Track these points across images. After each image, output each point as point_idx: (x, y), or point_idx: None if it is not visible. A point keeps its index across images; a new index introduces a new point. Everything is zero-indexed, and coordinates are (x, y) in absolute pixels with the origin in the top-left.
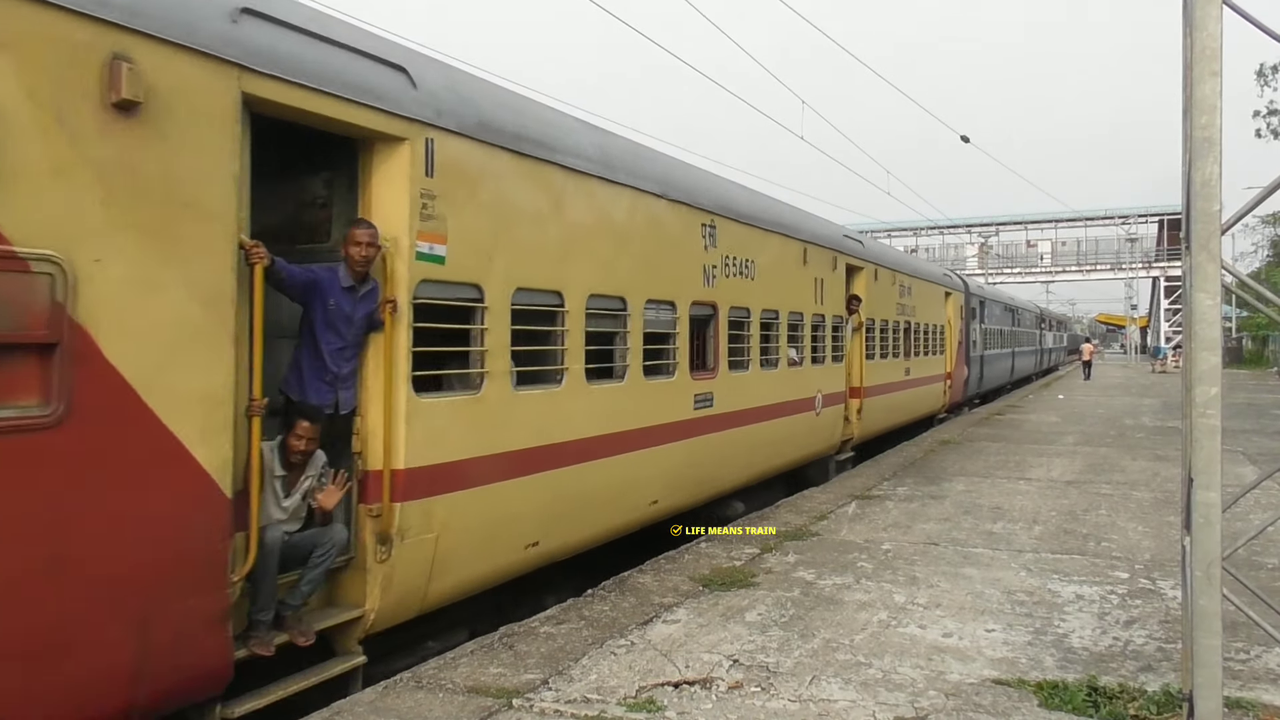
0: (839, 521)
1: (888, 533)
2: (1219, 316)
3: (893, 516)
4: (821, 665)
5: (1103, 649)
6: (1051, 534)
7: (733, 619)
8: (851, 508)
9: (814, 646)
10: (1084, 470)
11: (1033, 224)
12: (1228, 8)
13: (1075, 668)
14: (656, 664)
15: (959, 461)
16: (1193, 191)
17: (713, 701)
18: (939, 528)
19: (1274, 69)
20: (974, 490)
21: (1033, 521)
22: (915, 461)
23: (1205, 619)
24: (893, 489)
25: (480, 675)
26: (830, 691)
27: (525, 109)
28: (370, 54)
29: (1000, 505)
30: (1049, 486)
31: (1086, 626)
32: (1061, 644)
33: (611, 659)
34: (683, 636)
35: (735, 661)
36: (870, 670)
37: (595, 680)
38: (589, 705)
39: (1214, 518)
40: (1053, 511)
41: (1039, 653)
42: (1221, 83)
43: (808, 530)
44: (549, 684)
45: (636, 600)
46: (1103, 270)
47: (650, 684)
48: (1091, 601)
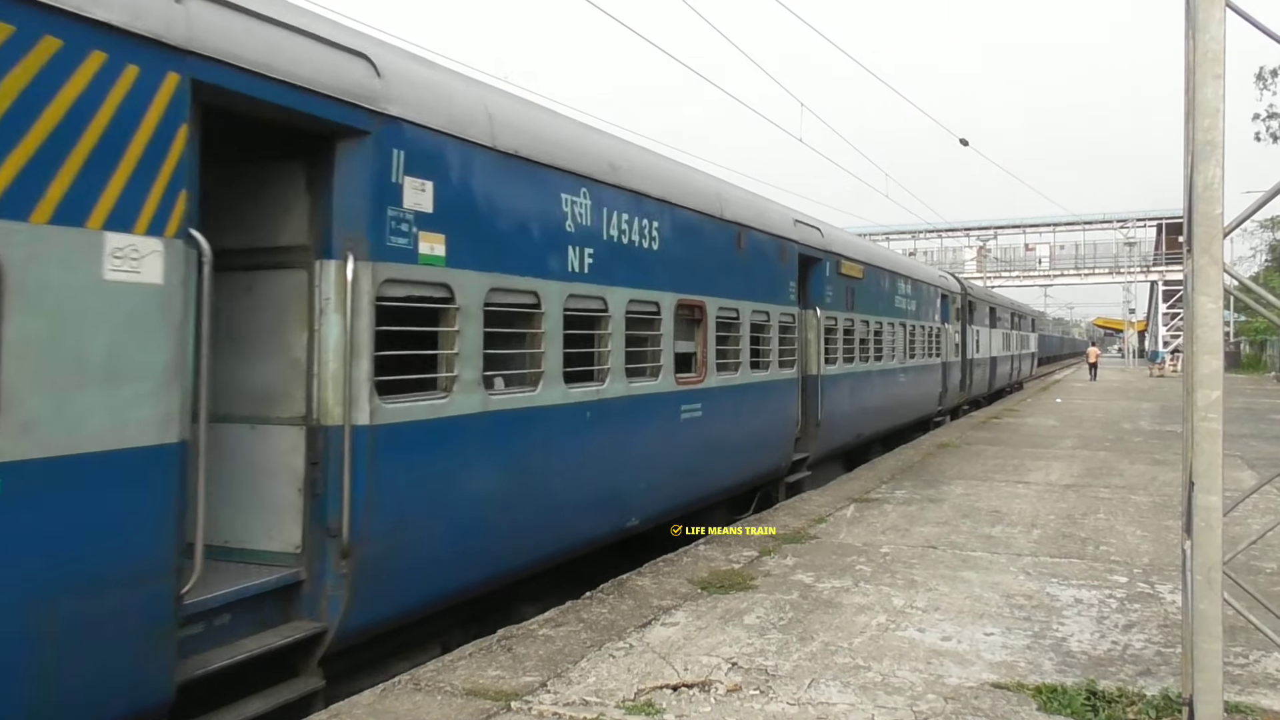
0: (837, 524)
1: (886, 536)
2: (1221, 320)
3: (891, 520)
4: (820, 668)
5: (1101, 653)
6: (1050, 538)
7: (731, 622)
8: (850, 511)
9: (813, 649)
10: (1082, 474)
11: (1031, 227)
12: (1231, 10)
13: (1074, 671)
14: (655, 667)
15: (957, 465)
16: (1194, 195)
17: (711, 704)
18: (937, 531)
19: (1273, 72)
20: (972, 493)
21: (1031, 525)
22: (913, 465)
23: (1206, 623)
24: (891, 492)
25: (478, 677)
26: (829, 695)
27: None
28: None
29: (999, 509)
30: (1047, 490)
31: (1085, 630)
32: (1060, 648)
33: (610, 661)
34: (681, 639)
35: (734, 664)
36: (869, 673)
37: (594, 683)
38: (588, 708)
39: (1215, 522)
40: (1051, 515)
41: (1038, 656)
42: (1224, 86)
43: (806, 533)
44: (547, 686)
45: (635, 603)
46: (1101, 274)
47: (649, 687)
48: (1090, 605)
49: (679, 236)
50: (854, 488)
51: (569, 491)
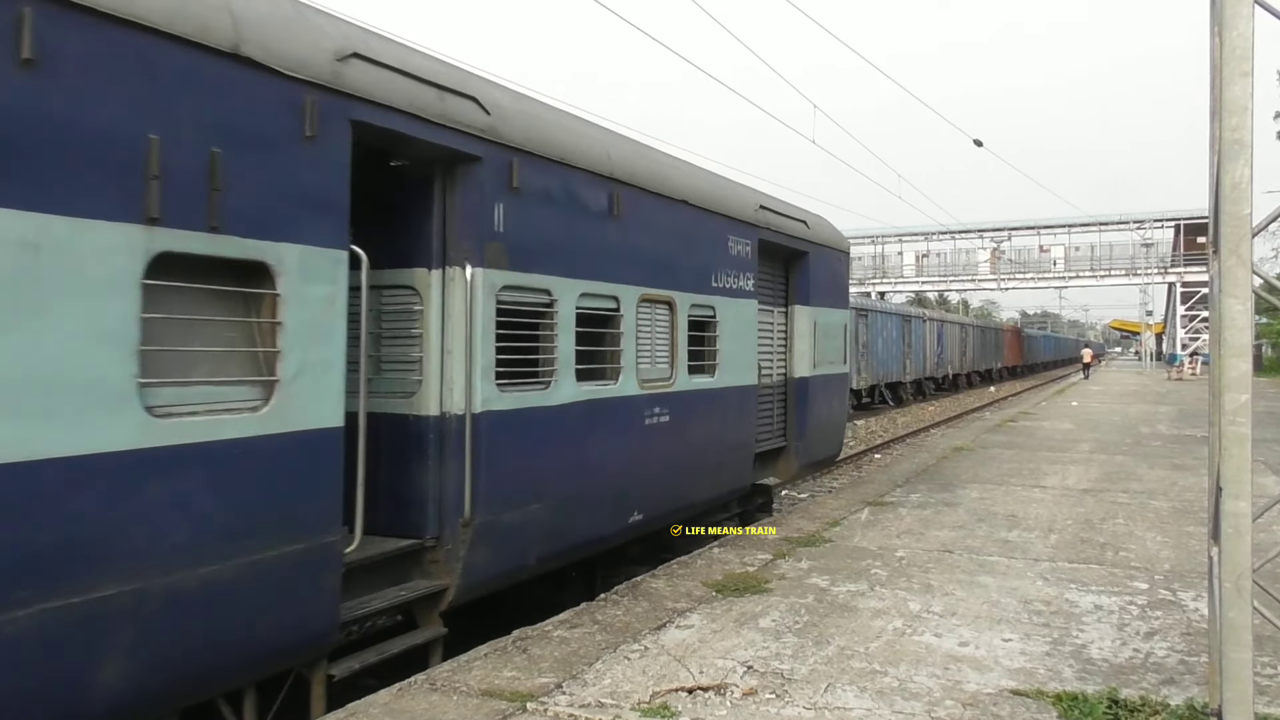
0: (852, 528)
1: (901, 539)
2: (1249, 322)
3: (906, 523)
4: (836, 673)
5: (1123, 661)
6: (1068, 543)
7: (746, 625)
8: (864, 514)
9: (829, 654)
10: (1100, 478)
11: (1046, 229)
12: (1259, 7)
13: (1095, 679)
14: (670, 669)
15: (972, 468)
16: (1222, 194)
17: (727, 708)
18: (953, 535)
19: None
20: (988, 497)
21: (1049, 530)
22: (928, 468)
23: (1235, 632)
24: (905, 495)
25: (494, 678)
26: (846, 700)
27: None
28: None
29: (1015, 513)
30: (1065, 494)
31: (1106, 637)
32: (1080, 655)
33: (625, 664)
34: (696, 642)
35: (749, 668)
36: (886, 679)
37: (609, 685)
38: (603, 710)
39: (1244, 528)
40: (1069, 520)
41: (1057, 663)
42: (1253, 83)
43: (820, 536)
44: (563, 688)
45: (649, 605)
46: (1117, 275)
47: (664, 689)
48: (1110, 612)
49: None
50: (868, 491)
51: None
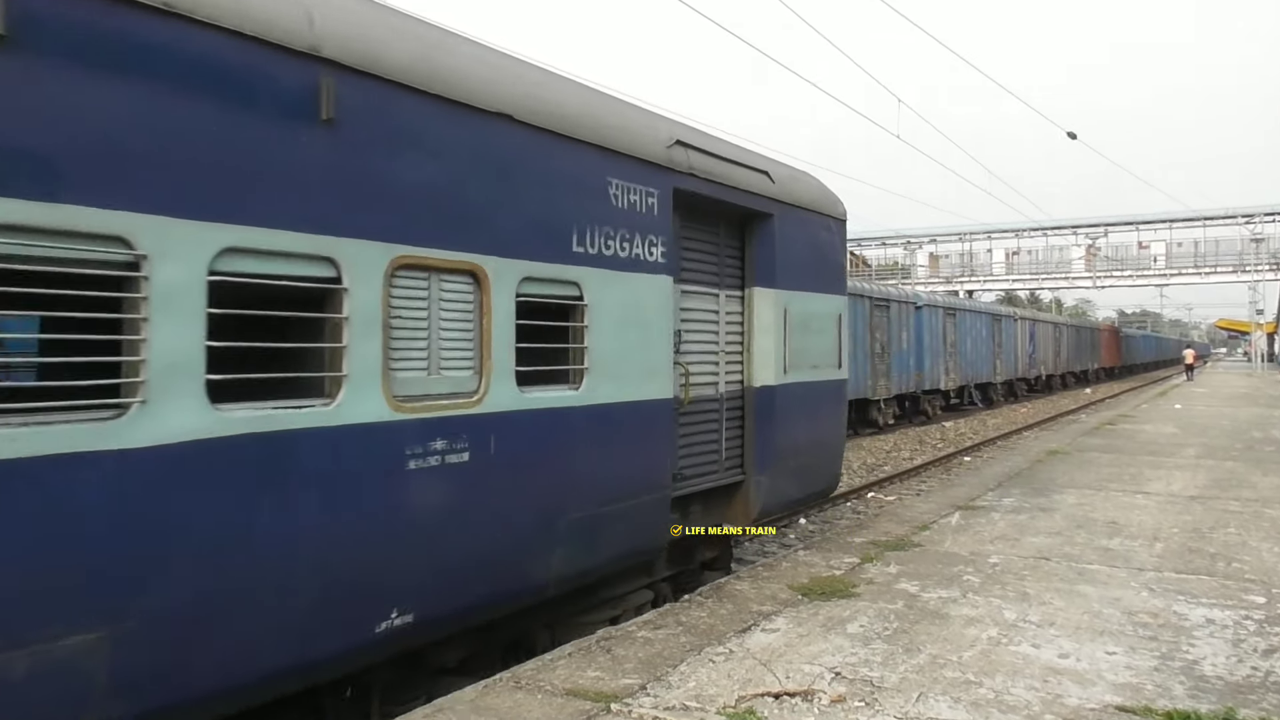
0: (942, 532)
1: (994, 545)
2: None
3: (999, 529)
4: (928, 682)
5: (1240, 679)
6: (1175, 552)
7: (834, 630)
8: (955, 518)
9: (919, 662)
10: (1208, 485)
11: (1145, 224)
12: None
13: (1209, 698)
14: (756, 673)
15: (1068, 472)
16: None
17: (814, 715)
18: (1050, 541)
19: None
20: (1086, 503)
21: (1153, 538)
22: (1021, 472)
23: None
24: (998, 500)
25: (578, 678)
26: (939, 710)
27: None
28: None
29: (1116, 520)
30: (1169, 501)
31: (1219, 653)
32: (1192, 671)
33: (710, 666)
34: (782, 646)
35: (837, 674)
36: (980, 690)
37: (694, 688)
38: (688, 713)
39: None
40: (1175, 528)
41: (1167, 679)
42: None
43: (909, 540)
44: (647, 689)
45: (734, 607)
46: (1223, 273)
47: (750, 694)
48: (1224, 626)
49: None
50: (958, 494)
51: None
